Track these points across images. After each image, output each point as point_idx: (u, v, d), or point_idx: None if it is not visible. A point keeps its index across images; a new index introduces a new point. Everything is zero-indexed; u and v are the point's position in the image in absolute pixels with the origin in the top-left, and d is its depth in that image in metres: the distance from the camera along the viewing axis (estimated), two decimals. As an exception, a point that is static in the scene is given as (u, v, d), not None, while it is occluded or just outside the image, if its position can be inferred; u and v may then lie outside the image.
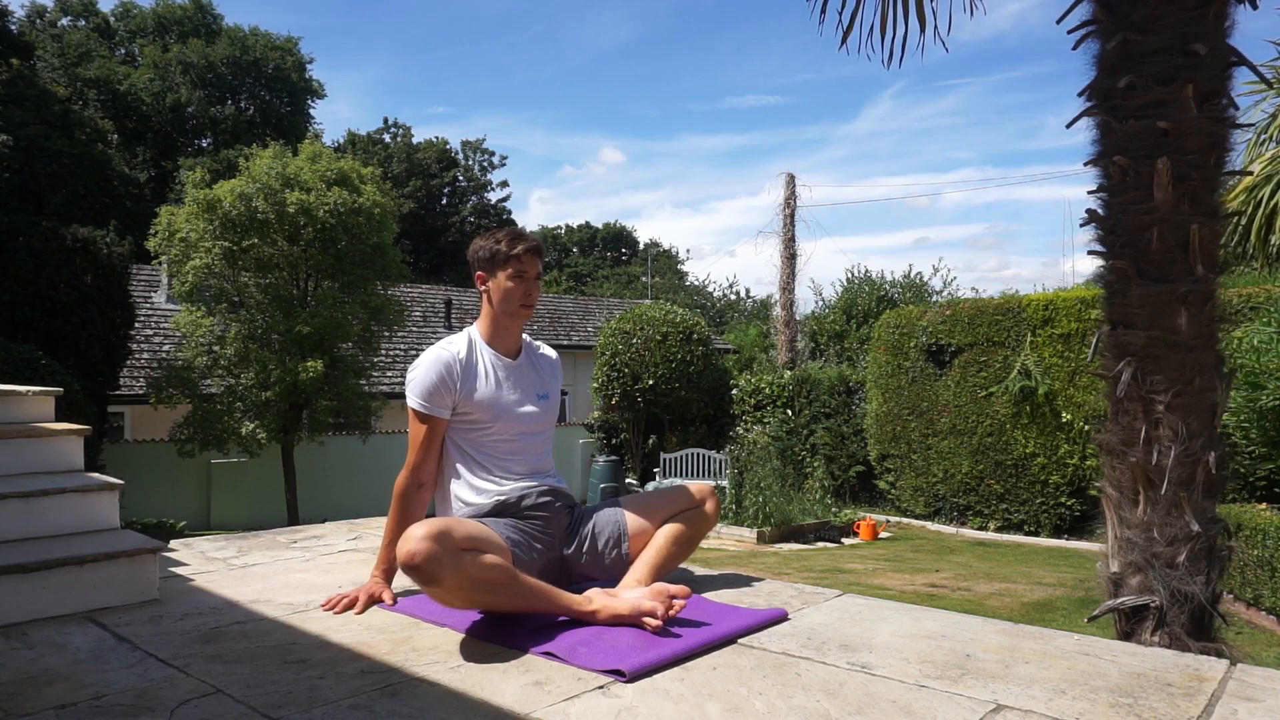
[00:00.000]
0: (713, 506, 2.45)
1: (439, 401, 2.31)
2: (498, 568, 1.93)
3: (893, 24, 4.28)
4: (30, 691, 1.69)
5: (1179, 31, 3.00)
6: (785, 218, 19.81)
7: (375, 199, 12.61)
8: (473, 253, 2.40)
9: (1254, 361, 6.75)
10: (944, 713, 1.57)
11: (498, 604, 2.00)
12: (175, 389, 11.99)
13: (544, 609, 2.03)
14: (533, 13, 74.65)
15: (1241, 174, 8.91)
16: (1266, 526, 5.97)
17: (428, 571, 1.83)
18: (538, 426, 2.44)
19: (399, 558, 1.87)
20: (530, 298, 2.37)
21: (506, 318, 2.39)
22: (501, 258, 2.32)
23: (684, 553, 2.39)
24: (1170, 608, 2.95)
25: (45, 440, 2.69)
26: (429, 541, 1.83)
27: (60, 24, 33.34)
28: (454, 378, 2.32)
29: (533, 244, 2.36)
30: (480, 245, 2.38)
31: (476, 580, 1.90)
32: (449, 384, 2.31)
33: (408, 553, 1.83)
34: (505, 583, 1.95)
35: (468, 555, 1.89)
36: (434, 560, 1.83)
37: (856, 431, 13.29)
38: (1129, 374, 3.05)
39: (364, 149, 38.41)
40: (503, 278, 2.33)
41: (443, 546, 1.84)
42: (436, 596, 1.91)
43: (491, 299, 2.38)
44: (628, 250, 50.70)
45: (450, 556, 1.85)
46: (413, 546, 1.82)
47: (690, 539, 2.40)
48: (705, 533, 2.47)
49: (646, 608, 1.98)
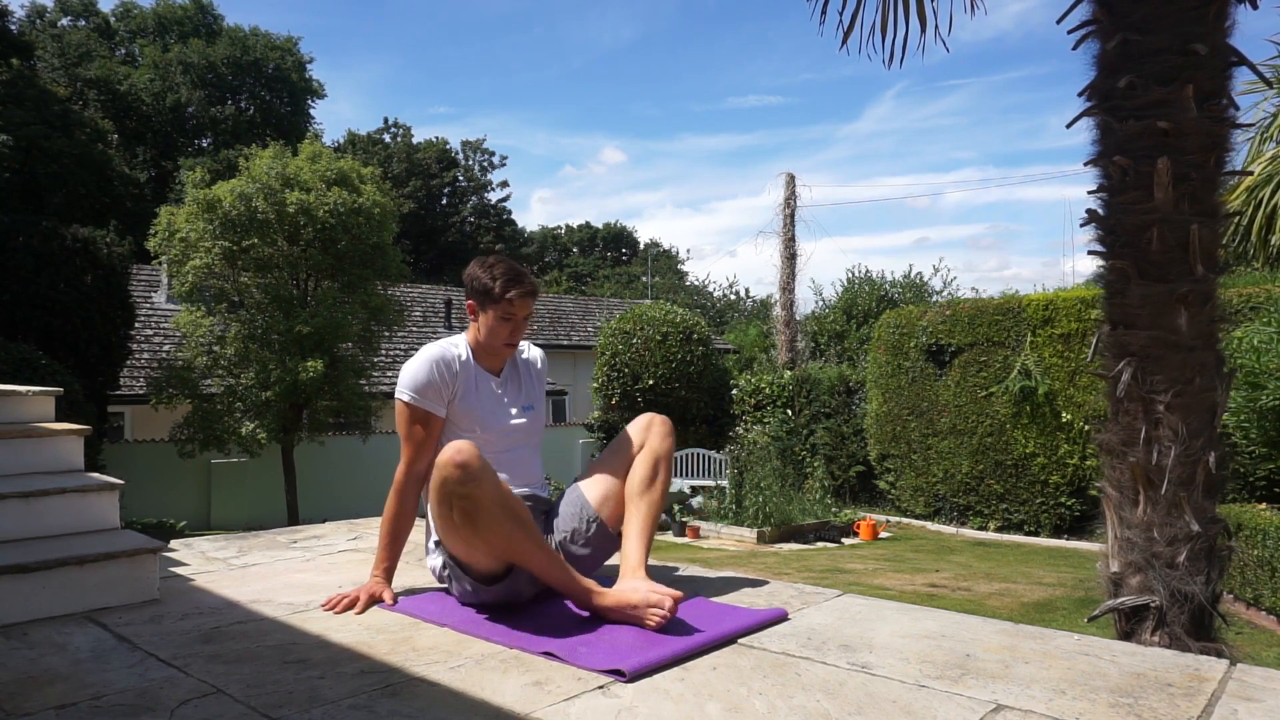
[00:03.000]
0: (661, 427, 2.35)
1: (432, 396, 2.29)
2: (521, 503, 2.07)
3: (893, 24, 4.29)
4: (30, 691, 1.69)
5: (1179, 31, 3.00)
6: (785, 218, 19.81)
7: (375, 199, 12.61)
8: (468, 278, 2.37)
9: (1254, 361, 6.75)
10: (944, 713, 1.56)
11: (522, 542, 2.02)
12: (175, 389, 11.99)
13: (558, 576, 2.09)
14: (534, 13, 74.73)
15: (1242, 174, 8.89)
16: (1266, 526, 5.97)
17: (474, 471, 1.94)
18: (524, 438, 2.45)
19: (445, 461, 1.96)
20: (514, 338, 2.37)
21: (490, 349, 2.39)
22: (494, 298, 2.30)
23: (661, 494, 2.30)
24: (1170, 608, 2.95)
25: (45, 440, 2.69)
26: (478, 452, 1.97)
27: (60, 24, 33.35)
28: (450, 374, 2.32)
29: (526, 289, 2.32)
30: (476, 275, 2.34)
31: (508, 503, 2.00)
32: (444, 379, 2.30)
33: (461, 458, 1.94)
34: (528, 520, 2.04)
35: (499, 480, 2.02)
36: (484, 468, 1.96)
37: (856, 431, 13.29)
38: (1129, 374, 3.05)
39: (364, 149, 38.41)
40: (492, 315, 2.32)
41: (485, 462, 1.98)
42: (468, 513, 1.97)
43: (479, 328, 2.38)
44: (628, 250, 50.70)
45: (490, 473, 1.99)
46: (466, 456, 1.95)
47: (657, 478, 2.30)
48: (668, 454, 2.34)
49: (654, 599, 1.99)
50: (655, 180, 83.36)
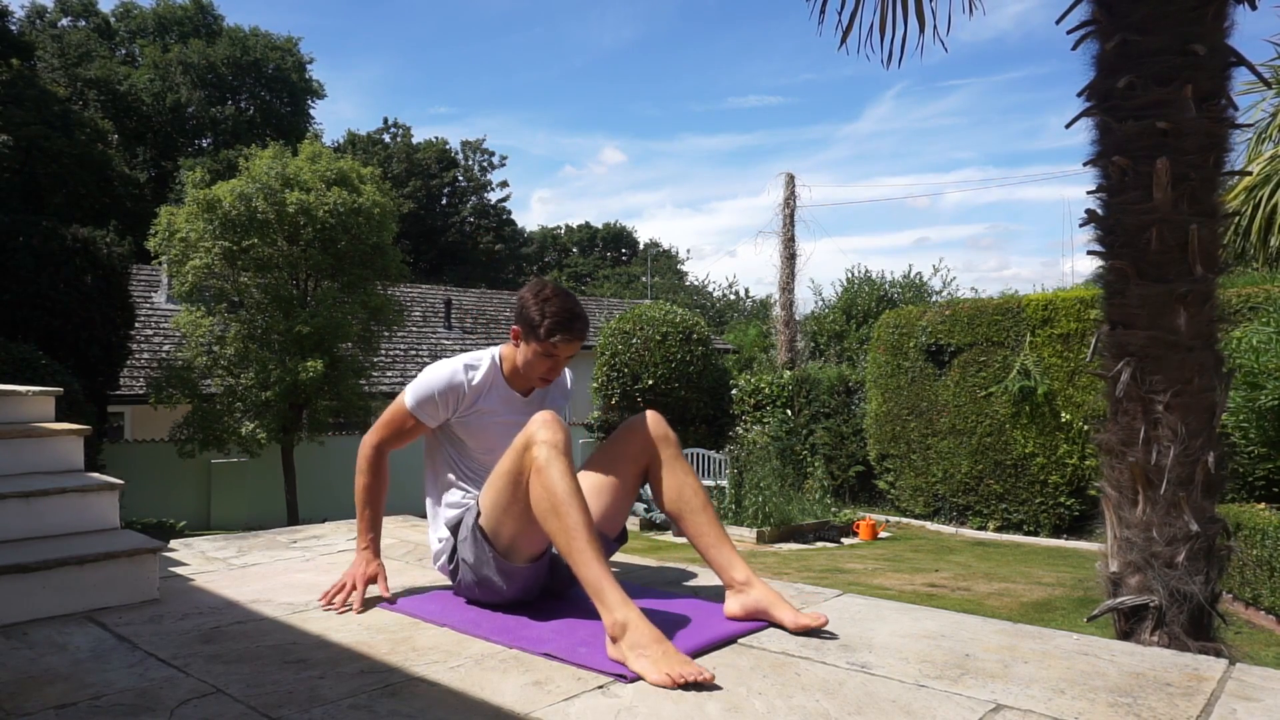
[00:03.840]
0: (660, 427, 2.26)
1: (430, 412, 2.29)
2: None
3: (892, 24, 4.28)
4: (30, 691, 1.69)
5: (1178, 32, 3.01)
6: (785, 218, 19.82)
7: (375, 199, 12.61)
8: (520, 304, 2.31)
9: (1253, 361, 6.76)
10: (943, 712, 1.57)
11: (576, 510, 1.93)
12: (175, 389, 11.99)
13: (598, 573, 1.88)
14: (535, 13, 74.68)
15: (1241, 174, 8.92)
16: (1265, 526, 5.98)
17: (566, 445, 1.99)
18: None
19: (544, 428, 1.99)
20: (552, 375, 2.33)
21: (526, 376, 2.36)
22: (538, 337, 2.25)
23: (704, 492, 2.23)
24: (1169, 607, 2.95)
25: (45, 440, 2.69)
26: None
27: (60, 24, 33.33)
28: (456, 400, 2.29)
29: (574, 335, 2.25)
30: (529, 303, 2.27)
31: (578, 484, 1.99)
32: (448, 403, 2.29)
33: (563, 432, 2.00)
34: (579, 490, 1.99)
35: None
36: (570, 446, 2.00)
37: (856, 431, 13.29)
38: (1128, 374, 3.06)
39: (364, 149, 38.41)
40: (534, 348, 2.26)
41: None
42: (548, 486, 1.94)
43: (519, 354, 2.33)
44: (628, 250, 50.69)
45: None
46: (565, 431, 2.02)
47: (692, 478, 2.23)
48: (677, 447, 2.27)
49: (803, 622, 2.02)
50: (655, 180, 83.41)
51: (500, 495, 2.08)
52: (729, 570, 2.13)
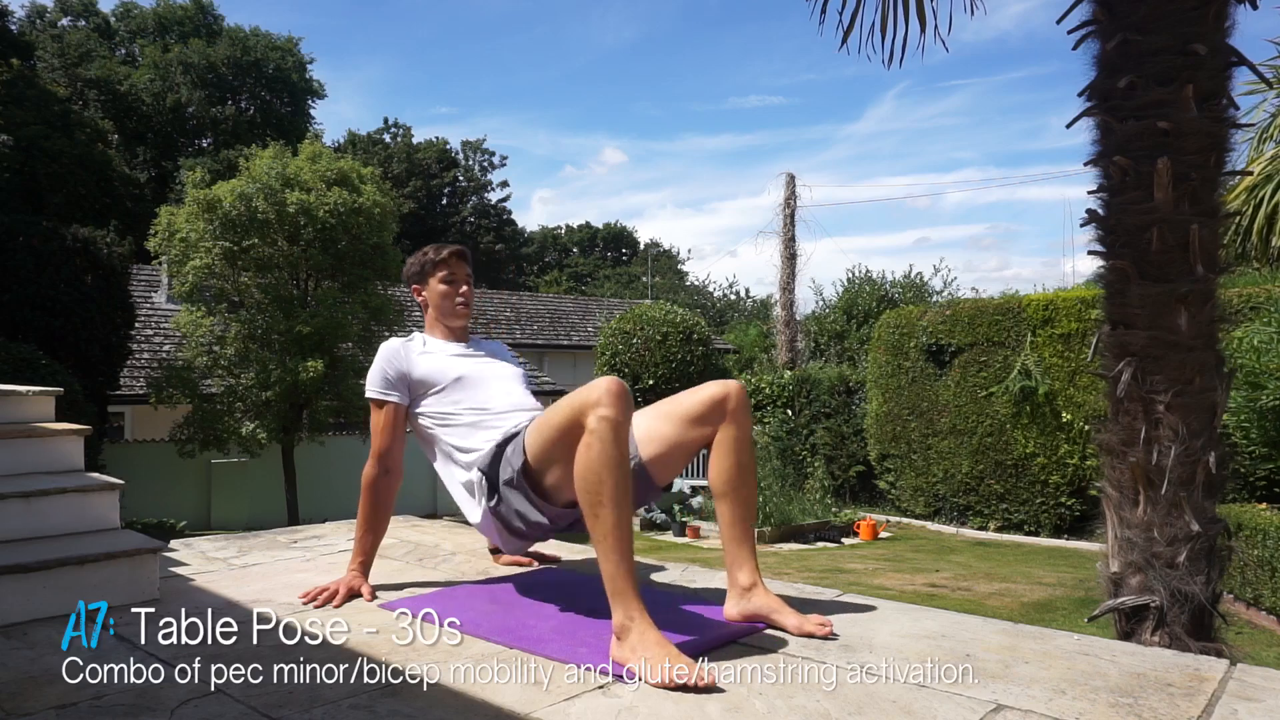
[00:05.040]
0: (739, 398, 2.11)
1: (389, 384, 2.37)
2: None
3: (893, 24, 4.28)
4: (30, 691, 1.69)
5: (1179, 31, 3.00)
6: (785, 218, 19.82)
7: (375, 199, 12.62)
8: (405, 271, 2.55)
9: (1254, 361, 6.75)
10: (944, 712, 1.57)
11: (613, 500, 1.83)
12: (175, 389, 11.99)
13: (618, 569, 1.84)
14: (537, 13, 74.70)
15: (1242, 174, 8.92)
16: (1266, 526, 5.97)
17: (628, 408, 1.86)
18: (504, 372, 2.45)
19: (608, 388, 1.84)
20: (466, 297, 2.49)
21: (448, 319, 2.50)
22: (430, 264, 2.47)
23: (754, 488, 2.12)
24: (1170, 608, 2.95)
25: (45, 440, 2.69)
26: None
27: (60, 24, 33.34)
28: (400, 359, 2.38)
29: (458, 248, 2.50)
30: (410, 261, 2.54)
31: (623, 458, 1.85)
32: (396, 365, 2.37)
33: (624, 410, 1.84)
34: (627, 476, 1.87)
35: None
36: (628, 418, 1.87)
37: (856, 431, 13.29)
38: (1129, 374, 3.05)
39: (364, 149, 38.41)
40: (434, 283, 2.47)
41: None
42: (605, 440, 1.81)
43: (432, 307, 2.50)
44: (628, 250, 50.68)
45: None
46: (627, 394, 1.87)
47: (744, 460, 2.10)
48: (748, 433, 2.14)
49: (809, 629, 1.98)
50: (656, 180, 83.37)
51: (547, 445, 2.01)
52: (736, 570, 2.10)
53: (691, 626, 2.01)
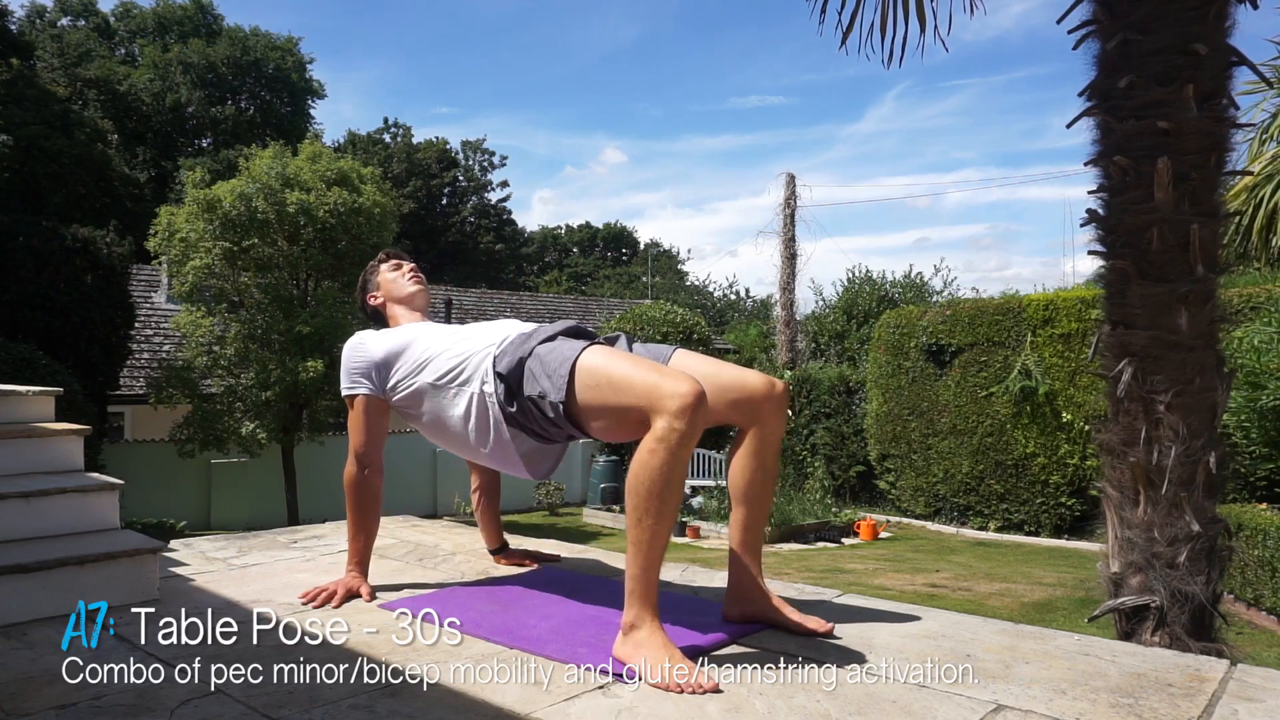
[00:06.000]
0: (779, 395, 2.01)
1: (355, 376, 2.31)
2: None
3: (892, 24, 4.29)
4: (30, 691, 1.69)
5: (1179, 31, 3.00)
6: (786, 218, 19.82)
7: (375, 199, 12.62)
8: (359, 289, 2.67)
9: (1254, 361, 6.75)
10: (944, 713, 1.56)
11: (658, 511, 1.76)
12: (175, 389, 11.99)
13: (643, 571, 1.78)
14: (537, 14, 74.56)
15: (1242, 174, 8.92)
16: (1267, 526, 5.98)
17: (700, 427, 1.74)
18: (477, 326, 2.32)
19: (688, 396, 1.73)
20: (416, 273, 2.59)
21: (403, 292, 2.55)
22: (372, 268, 2.63)
23: (772, 490, 2.04)
24: (1170, 608, 2.95)
25: (45, 440, 2.69)
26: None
27: (60, 24, 33.32)
28: (361, 349, 2.31)
29: (394, 249, 2.71)
30: (361, 279, 2.67)
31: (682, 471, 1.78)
32: (358, 355, 2.31)
33: (696, 424, 1.72)
34: (680, 489, 1.79)
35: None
36: (699, 431, 1.76)
37: (856, 431, 13.29)
38: (1129, 374, 3.05)
39: (364, 149, 38.39)
40: (383, 272, 2.59)
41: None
42: (673, 452, 1.72)
43: (388, 297, 2.57)
44: (628, 250, 50.67)
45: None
46: (703, 419, 1.75)
47: (768, 465, 2.02)
48: (779, 438, 2.04)
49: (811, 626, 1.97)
50: (656, 180, 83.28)
51: (601, 406, 1.91)
52: (738, 571, 2.09)
53: (691, 627, 2.01)
